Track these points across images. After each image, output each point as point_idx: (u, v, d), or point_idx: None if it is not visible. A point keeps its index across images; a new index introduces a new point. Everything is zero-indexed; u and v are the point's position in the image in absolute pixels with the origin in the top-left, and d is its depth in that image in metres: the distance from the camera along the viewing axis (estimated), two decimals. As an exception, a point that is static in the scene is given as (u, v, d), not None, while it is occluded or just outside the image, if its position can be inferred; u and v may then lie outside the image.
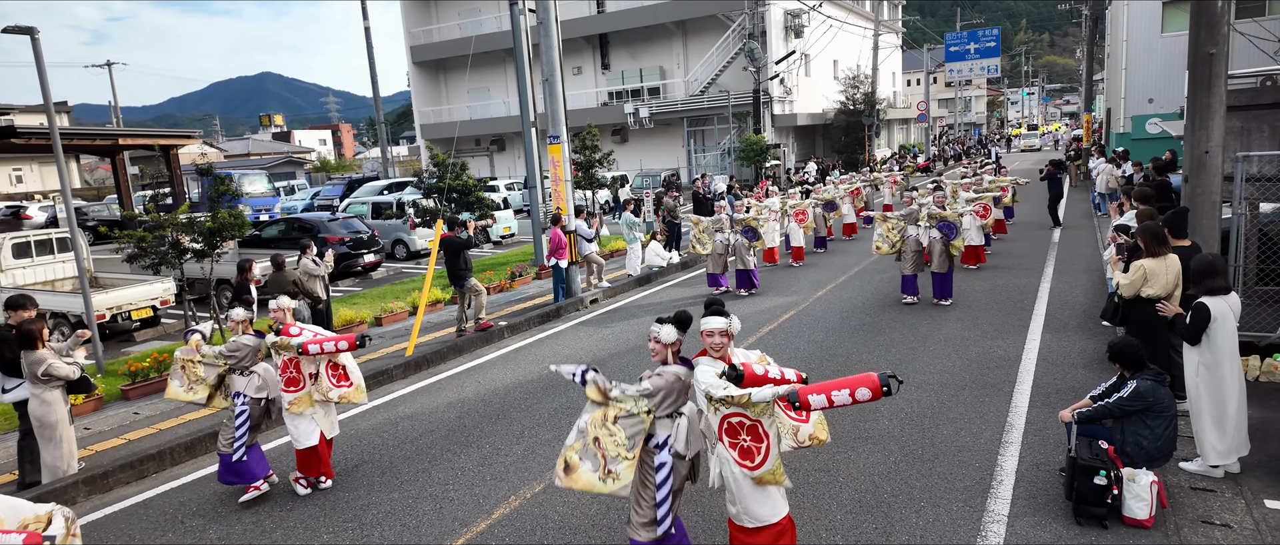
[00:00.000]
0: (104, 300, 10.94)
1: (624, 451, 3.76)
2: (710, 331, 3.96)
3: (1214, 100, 6.53)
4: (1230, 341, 4.90)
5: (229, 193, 10.59)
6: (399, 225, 18.81)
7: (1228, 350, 4.89)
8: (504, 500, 5.43)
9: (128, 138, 18.14)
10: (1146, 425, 4.70)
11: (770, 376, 3.77)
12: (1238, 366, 4.93)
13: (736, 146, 29.67)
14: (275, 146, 60.03)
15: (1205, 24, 6.49)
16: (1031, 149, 52.20)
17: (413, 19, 39.18)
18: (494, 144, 39.08)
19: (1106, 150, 23.29)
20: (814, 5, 32.44)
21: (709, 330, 3.97)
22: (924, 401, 6.73)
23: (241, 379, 5.84)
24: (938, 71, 53.35)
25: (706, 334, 3.98)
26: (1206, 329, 4.90)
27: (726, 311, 4.06)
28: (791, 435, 4.18)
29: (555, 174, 12.12)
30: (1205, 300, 4.95)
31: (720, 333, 3.95)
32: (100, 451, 6.66)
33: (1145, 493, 4.46)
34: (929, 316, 9.73)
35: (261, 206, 27.16)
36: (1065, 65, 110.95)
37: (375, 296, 13.18)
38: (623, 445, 3.76)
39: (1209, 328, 4.89)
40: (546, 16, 11.92)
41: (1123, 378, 4.92)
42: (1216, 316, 4.88)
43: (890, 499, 5.05)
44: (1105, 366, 7.29)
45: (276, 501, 5.70)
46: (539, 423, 6.92)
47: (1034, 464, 5.39)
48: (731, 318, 4.02)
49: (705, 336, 3.98)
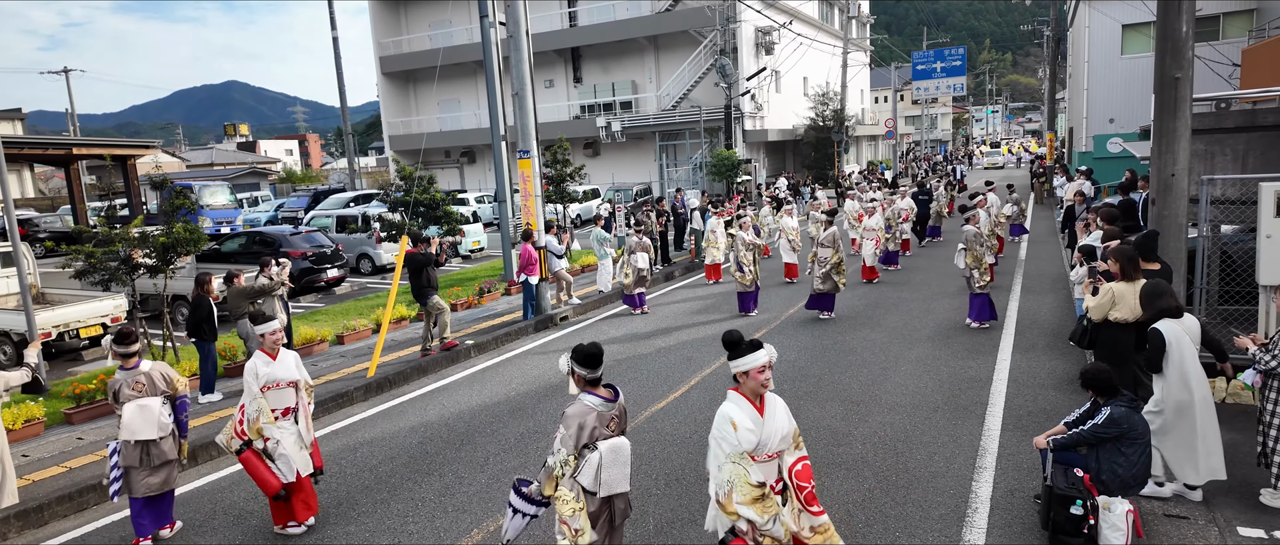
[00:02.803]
0: (50, 318, 10.46)
1: (576, 506, 3.70)
2: (753, 370, 3.56)
3: (1180, 124, 6.60)
4: (1191, 364, 4.88)
5: (186, 206, 10.21)
6: (364, 240, 18.43)
7: (1191, 373, 4.86)
8: (466, 533, 5.20)
9: (83, 147, 17.57)
10: (1121, 452, 4.65)
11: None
12: (1204, 387, 4.91)
13: (708, 161, 29.73)
14: (240, 156, 58.82)
15: (1170, 49, 6.56)
16: (995, 167, 51.96)
17: (382, 29, 38.75)
18: (464, 156, 38.72)
19: (1070, 168, 23.72)
20: (784, 23, 32.74)
21: (747, 369, 3.56)
22: (897, 424, 6.65)
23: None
24: (905, 89, 54.19)
25: (746, 374, 3.57)
26: (1164, 354, 4.88)
27: (759, 342, 3.63)
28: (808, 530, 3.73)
29: (525, 189, 11.93)
30: (1159, 326, 4.94)
31: (764, 367, 3.56)
32: (37, 482, 6.29)
33: (1121, 522, 4.40)
34: (900, 336, 9.70)
35: (223, 219, 26.49)
36: (1028, 84, 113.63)
37: (338, 313, 12.84)
38: (571, 501, 3.70)
39: (1166, 352, 4.88)
40: (517, 30, 11.77)
41: (1096, 404, 4.87)
42: (1171, 340, 4.88)
43: (865, 528, 4.93)
44: (1076, 388, 7.29)
45: (223, 539, 5.42)
46: (505, 448, 6.70)
47: (1008, 491, 5.32)
48: (767, 347, 3.62)
49: (747, 377, 3.57)
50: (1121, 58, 22.62)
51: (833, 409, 7.09)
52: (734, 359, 3.64)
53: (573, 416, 3.72)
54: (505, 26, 12.38)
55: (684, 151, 33.21)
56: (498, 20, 13.49)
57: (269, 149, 72.62)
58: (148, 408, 5.19)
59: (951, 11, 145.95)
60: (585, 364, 3.81)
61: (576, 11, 35.05)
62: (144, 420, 5.16)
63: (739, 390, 3.64)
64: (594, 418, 3.74)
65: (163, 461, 5.22)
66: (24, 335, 10.03)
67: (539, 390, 8.41)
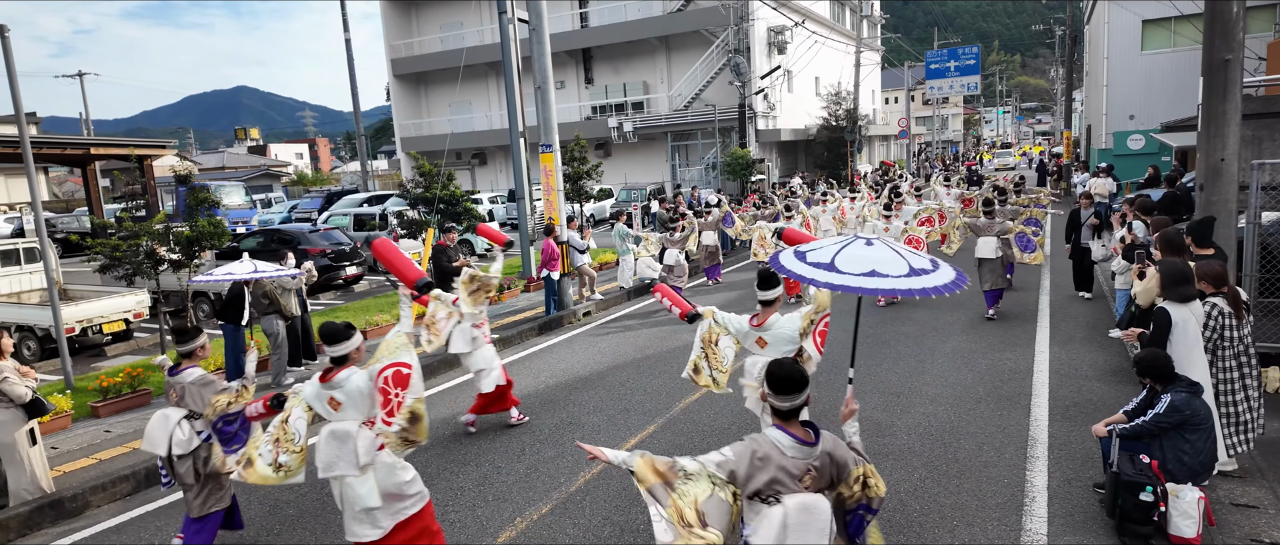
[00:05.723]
0: (74, 313, 10.43)
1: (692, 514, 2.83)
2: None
3: (1229, 107, 6.44)
4: (1193, 347, 4.74)
5: (210, 201, 10.16)
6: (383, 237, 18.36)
7: (1188, 357, 4.72)
8: (509, 523, 5.09)
9: (100, 147, 17.57)
10: (1186, 439, 4.51)
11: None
12: (1204, 373, 4.77)
13: (721, 161, 29.61)
14: (251, 160, 59.05)
15: (1220, 29, 6.41)
16: (1006, 168, 51.54)
17: (393, 30, 38.79)
18: (475, 157, 38.68)
19: (1090, 165, 23.49)
20: (797, 22, 32.62)
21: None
22: (941, 416, 6.51)
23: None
24: (917, 89, 53.94)
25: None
26: (1169, 335, 4.75)
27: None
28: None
29: (547, 183, 11.83)
30: (1165, 305, 4.81)
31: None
32: (69, 472, 6.21)
33: (1192, 510, 4.25)
34: (932, 329, 9.55)
35: (238, 219, 26.55)
36: (1037, 85, 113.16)
37: (359, 309, 12.75)
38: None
39: (1171, 333, 4.75)
40: (538, 23, 11.68)
41: (1154, 392, 4.73)
42: (1177, 322, 4.74)
43: (920, 519, 4.79)
44: (1121, 380, 7.14)
45: (262, 528, 5.32)
46: (540, 440, 6.59)
47: (1065, 480, 5.17)
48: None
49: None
50: (1142, 54, 22.41)
51: (873, 401, 6.96)
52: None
53: (745, 448, 2.85)
54: (525, 22, 12.31)
55: (696, 152, 33.08)
56: (516, 17, 13.41)
57: (279, 153, 72.92)
58: (166, 418, 4.62)
59: (960, 13, 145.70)
60: (779, 389, 2.85)
61: (588, 12, 35.01)
62: (159, 431, 4.60)
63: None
64: (776, 465, 2.80)
65: (186, 485, 4.67)
66: (48, 330, 10.00)
67: (569, 383, 8.30)
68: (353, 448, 3.96)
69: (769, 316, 4.96)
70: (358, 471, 3.96)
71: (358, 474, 3.96)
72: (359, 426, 4.04)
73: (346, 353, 4.16)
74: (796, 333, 4.75)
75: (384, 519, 4.05)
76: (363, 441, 3.98)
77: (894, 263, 3.26)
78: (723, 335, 5.13)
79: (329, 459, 3.97)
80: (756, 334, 4.97)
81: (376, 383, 3.93)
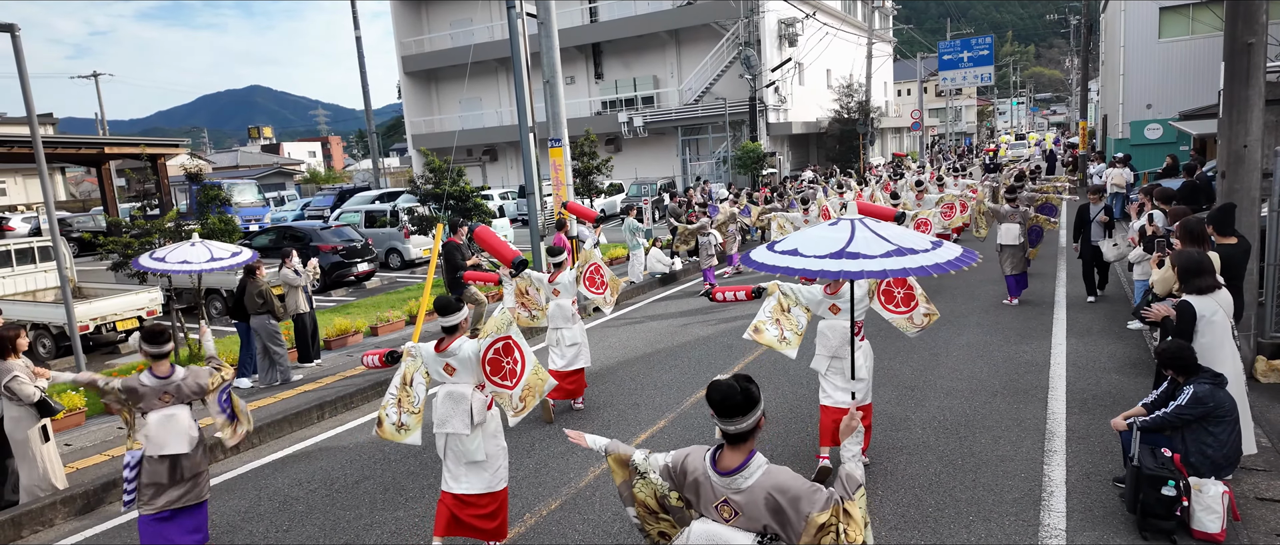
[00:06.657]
0: (88, 311, 10.49)
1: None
2: None
3: (1253, 93, 6.30)
4: (1222, 339, 4.63)
5: (222, 198, 10.18)
6: (393, 234, 18.41)
7: (1217, 348, 4.61)
8: (517, 519, 5.05)
9: (114, 147, 17.70)
10: (1209, 432, 4.40)
11: None
12: (1237, 365, 4.67)
13: (732, 154, 29.46)
14: (264, 158, 59.43)
15: (1243, 13, 6.26)
16: (1019, 160, 50.71)
17: (404, 28, 38.86)
18: (485, 154, 38.73)
19: (1106, 156, 23.19)
20: (808, 14, 32.38)
21: None
22: (956, 409, 6.41)
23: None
24: (929, 80, 53.46)
25: None
26: (1195, 328, 4.64)
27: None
28: (908, 322, 5.48)
29: (556, 178, 11.79)
30: (1190, 299, 4.69)
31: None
32: (82, 469, 6.23)
33: (1216, 504, 4.14)
34: (945, 321, 9.43)
35: (251, 216, 26.70)
36: (1052, 76, 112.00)
37: (370, 305, 12.77)
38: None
39: (1197, 326, 4.63)
40: (547, 17, 11.63)
41: (1175, 383, 4.62)
42: (1203, 314, 4.62)
43: (936, 513, 4.71)
44: (1140, 372, 7.02)
45: (272, 524, 5.31)
46: (550, 435, 6.55)
47: (1083, 474, 5.07)
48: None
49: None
50: (1159, 42, 22.06)
51: (887, 394, 6.86)
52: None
53: (679, 459, 2.78)
54: (534, 17, 12.25)
55: (706, 146, 32.94)
56: (524, 10, 13.35)
57: (292, 151, 73.34)
58: (175, 418, 4.56)
59: (973, 4, 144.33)
60: (719, 412, 2.55)
61: (597, 7, 34.91)
62: (171, 432, 4.52)
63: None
64: (701, 487, 2.64)
65: (194, 473, 4.65)
66: (62, 328, 10.07)
67: (579, 378, 8.24)
68: (467, 408, 4.35)
69: (842, 286, 5.20)
70: (469, 429, 4.36)
71: (469, 431, 4.36)
72: (473, 390, 4.40)
73: (457, 323, 4.49)
74: (865, 293, 5.27)
75: (485, 476, 4.45)
76: (476, 402, 4.39)
77: (915, 238, 3.38)
78: (794, 305, 5.39)
79: (444, 415, 4.39)
80: (830, 300, 5.33)
81: (486, 354, 4.35)
